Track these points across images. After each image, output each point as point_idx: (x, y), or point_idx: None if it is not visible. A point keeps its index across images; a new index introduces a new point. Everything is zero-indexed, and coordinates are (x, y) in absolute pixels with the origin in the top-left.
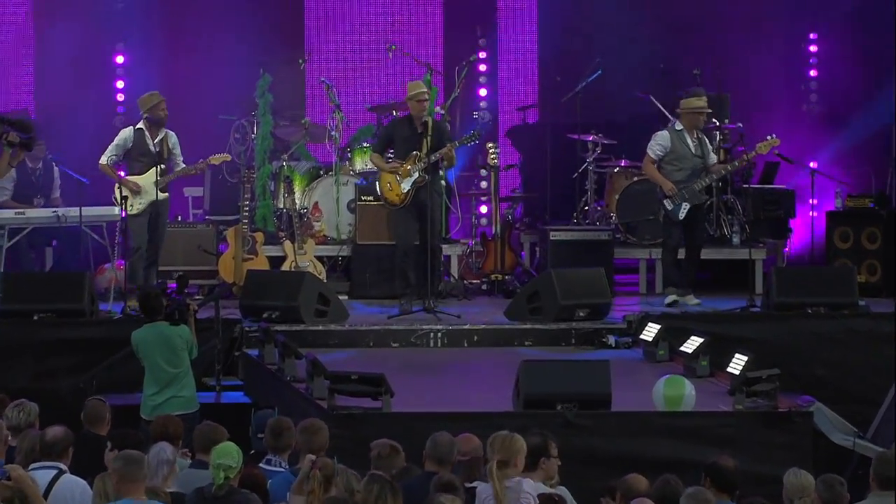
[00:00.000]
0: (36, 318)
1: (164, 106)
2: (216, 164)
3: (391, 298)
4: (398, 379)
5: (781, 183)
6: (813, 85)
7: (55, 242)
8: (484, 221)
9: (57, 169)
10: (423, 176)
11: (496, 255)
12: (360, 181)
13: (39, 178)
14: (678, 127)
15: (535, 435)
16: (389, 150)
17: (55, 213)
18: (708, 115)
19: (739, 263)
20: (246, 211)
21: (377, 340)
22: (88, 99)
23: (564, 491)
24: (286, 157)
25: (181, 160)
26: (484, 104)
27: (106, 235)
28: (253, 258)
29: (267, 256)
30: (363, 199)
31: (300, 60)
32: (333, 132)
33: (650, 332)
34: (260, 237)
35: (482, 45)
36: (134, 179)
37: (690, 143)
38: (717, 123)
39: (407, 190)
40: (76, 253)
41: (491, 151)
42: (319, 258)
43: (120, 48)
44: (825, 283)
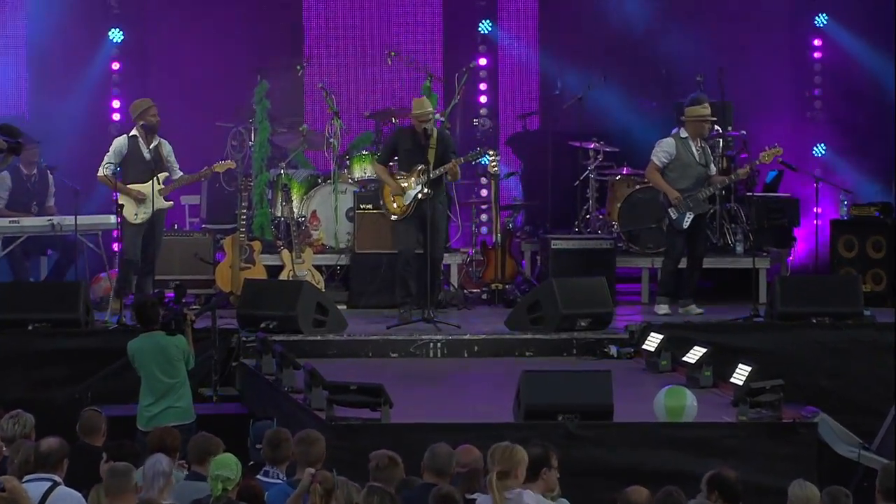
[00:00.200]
0: (31, 327)
1: (155, 112)
2: (220, 171)
3: (390, 308)
4: (397, 389)
5: (785, 191)
6: (817, 92)
7: (50, 251)
8: (484, 230)
9: (52, 177)
10: (426, 191)
11: (496, 264)
12: (358, 189)
13: (34, 185)
14: (683, 135)
15: (535, 446)
16: (393, 159)
17: (50, 221)
18: (712, 123)
19: (743, 272)
20: (243, 219)
21: (376, 350)
22: (83, 106)
23: (565, 503)
24: (284, 164)
25: (177, 168)
26: (484, 111)
27: (101, 244)
28: (250, 267)
29: (264, 265)
30: (362, 207)
31: (298, 67)
32: (332, 139)
33: (652, 342)
34: (257, 246)
35: (482, 51)
36: (137, 187)
37: (695, 151)
38: (720, 131)
39: (408, 203)
40: (71, 262)
41: (491, 159)
42: (318, 267)
43: (115, 55)
44: (830, 292)
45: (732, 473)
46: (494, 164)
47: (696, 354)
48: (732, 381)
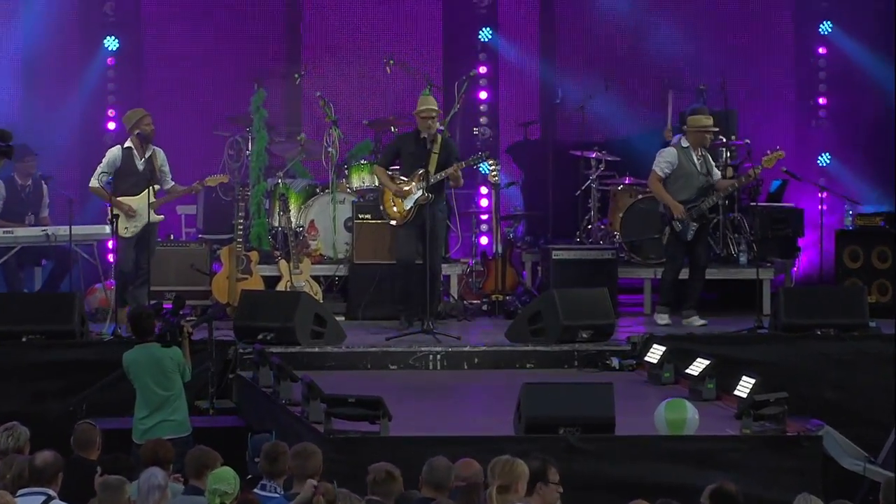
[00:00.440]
0: (25, 339)
1: (149, 121)
2: (212, 185)
3: (389, 319)
4: (396, 402)
5: (789, 201)
6: (822, 101)
7: (45, 262)
8: (484, 240)
9: (46, 186)
10: (427, 195)
11: (497, 274)
12: (357, 199)
13: (29, 195)
14: (684, 144)
15: (535, 459)
16: (395, 164)
17: (45, 231)
18: (714, 133)
19: (747, 283)
20: (240, 229)
21: (375, 362)
22: (78, 115)
23: None
24: (282, 174)
25: (170, 178)
26: (484, 120)
27: (97, 255)
28: (247, 278)
29: (262, 276)
30: (360, 217)
31: (296, 75)
32: (330, 148)
33: (655, 353)
34: (255, 256)
35: (482, 59)
36: (128, 201)
37: (696, 160)
38: (723, 140)
39: (410, 208)
40: (66, 273)
41: (492, 169)
42: (316, 278)
43: (111, 63)
44: (835, 303)
45: (733, 487)
46: (495, 173)
47: (699, 366)
48: (736, 393)
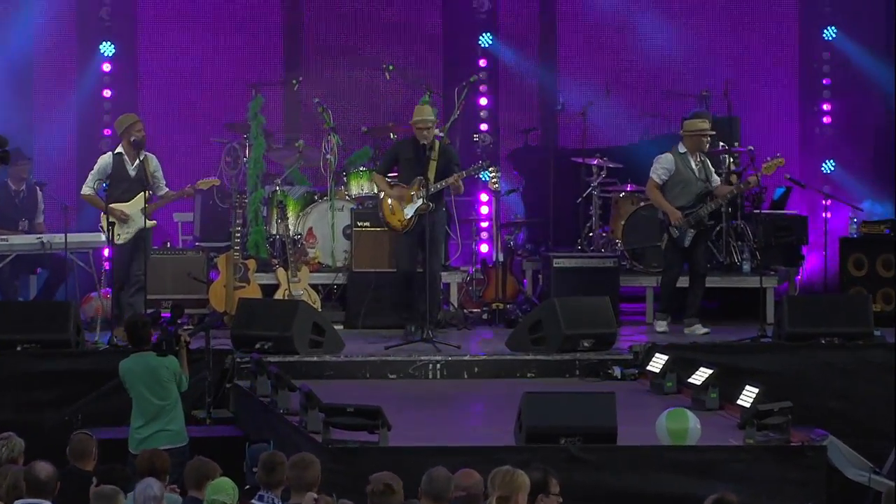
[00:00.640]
0: (20, 348)
1: (140, 127)
2: (204, 189)
3: (389, 328)
4: (396, 412)
5: (793, 208)
6: (826, 107)
7: (40, 270)
8: (484, 248)
9: (41, 193)
10: (427, 203)
11: (497, 283)
12: (355, 206)
13: (23, 201)
14: (681, 150)
15: (535, 470)
16: (394, 171)
17: (40, 239)
18: (711, 137)
19: (750, 292)
20: (237, 237)
21: (374, 372)
22: (73, 121)
23: None
24: (279, 181)
25: (163, 184)
26: (484, 126)
27: (92, 263)
28: (245, 286)
29: (259, 284)
30: (359, 224)
31: (294, 81)
32: (328, 155)
33: (657, 363)
34: (252, 264)
35: (483, 65)
36: (119, 207)
37: (694, 166)
38: (726, 146)
39: (410, 216)
40: (61, 281)
41: (492, 176)
42: (314, 286)
43: (107, 68)
44: (839, 312)
45: (735, 498)
46: (495, 180)
47: (701, 376)
48: (739, 403)
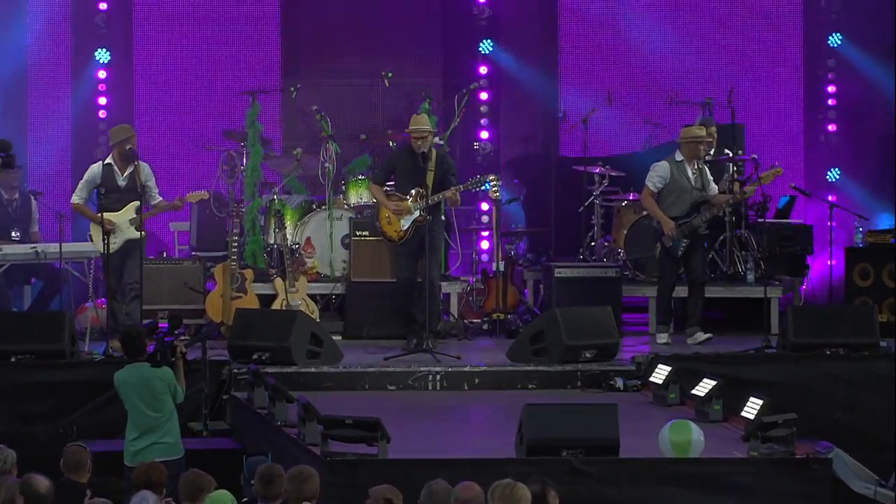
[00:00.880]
0: (13, 359)
1: (133, 140)
2: (193, 201)
3: (388, 339)
4: (395, 423)
5: (798, 217)
6: (831, 114)
7: (34, 280)
8: (485, 257)
9: (35, 202)
10: (423, 215)
11: (498, 292)
12: (354, 215)
13: (16, 210)
14: (678, 157)
15: (534, 482)
16: (391, 180)
17: (34, 248)
18: (709, 143)
19: (754, 302)
20: (234, 247)
21: (373, 383)
22: (68, 128)
23: None
24: (277, 189)
25: (156, 192)
26: (485, 134)
27: (87, 273)
28: (242, 296)
29: (257, 294)
30: (358, 234)
31: (292, 89)
32: (327, 164)
33: (660, 374)
34: (249, 274)
35: (483, 72)
36: (109, 217)
37: (690, 174)
38: (730, 154)
39: (406, 228)
40: (56, 291)
41: (493, 185)
42: (312, 296)
43: (102, 76)
44: (844, 322)
45: None
46: (496, 189)
47: (705, 387)
48: (743, 414)
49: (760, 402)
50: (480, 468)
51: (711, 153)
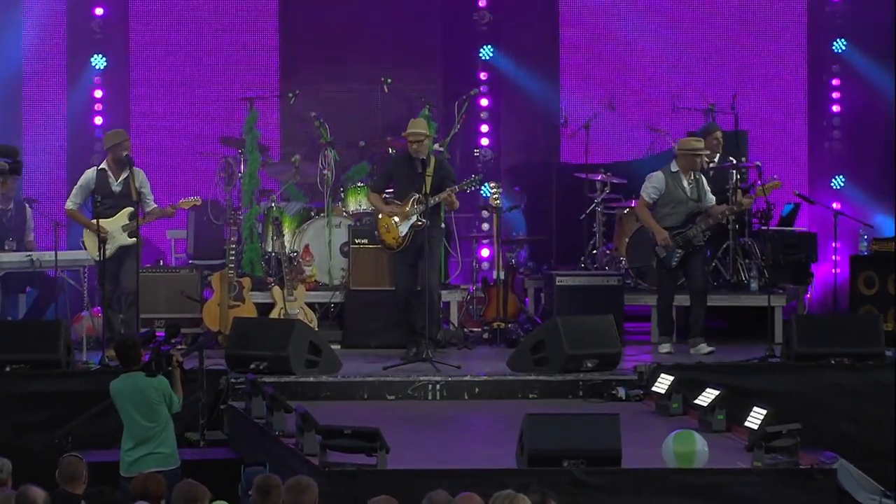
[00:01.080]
0: (8, 369)
1: (127, 145)
2: (186, 208)
3: (387, 348)
4: (394, 434)
5: (802, 225)
6: (836, 121)
7: (29, 289)
8: (485, 266)
9: (30, 209)
10: (421, 220)
11: (498, 301)
12: (353, 223)
13: (11, 219)
14: (674, 168)
15: (534, 492)
16: (389, 188)
17: (29, 257)
18: (714, 146)
19: (758, 311)
20: (232, 255)
21: (372, 393)
22: (64, 135)
23: None
24: (275, 197)
25: (151, 199)
26: (485, 140)
27: (83, 281)
28: (239, 305)
29: (254, 303)
30: (357, 241)
31: (290, 95)
32: (325, 171)
33: (663, 383)
34: (247, 283)
35: (483, 78)
36: (102, 223)
37: (686, 185)
38: (733, 161)
39: (405, 234)
40: (51, 300)
41: (493, 192)
42: (310, 305)
43: (98, 82)
44: (849, 331)
45: None
46: (496, 196)
47: (708, 397)
48: (747, 424)
49: (764, 411)
50: (481, 479)
51: (716, 160)
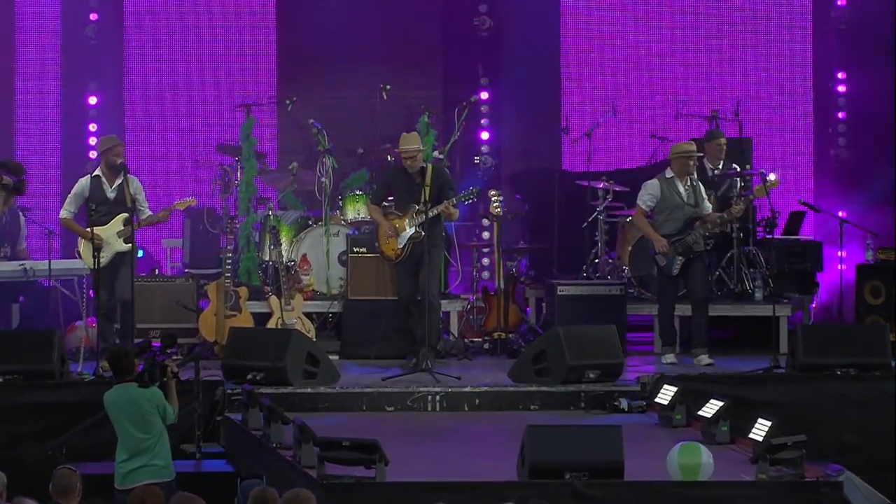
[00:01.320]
0: (1, 379)
1: (118, 151)
2: (182, 209)
3: (386, 358)
4: (393, 446)
5: (807, 234)
6: (841, 128)
7: (22, 298)
8: (486, 275)
9: (23, 218)
10: (419, 232)
11: (499, 311)
12: (351, 231)
13: (5, 227)
14: (668, 174)
15: None
16: (389, 198)
17: (22, 266)
18: (717, 151)
19: (762, 321)
20: (229, 264)
21: (370, 404)
22: (57, 141)
23: None
24: (272, 205)
25: (146, 206)
26: (486, 148)
27: (78, 290)
28: (236, 315)
29: (251, 313)
30: (355, 250)
31: (287, 102)
32: (323, 178)
33: (666, 394)
34: (244, 292)
35: (484, 84)
36: (96, 231)
37: (682, 190)
38: (737, 169)
39: (403, 246)
40: (45, 309)
41: (493, 200)
42: (308, 315)
43: (92, 88)
44: (855, 341)
45: None
46: (497, 204)
47: (712, 408)
48: (751, 436)
49: (769, 423)
50: (481, 491)
51: (720, 167)
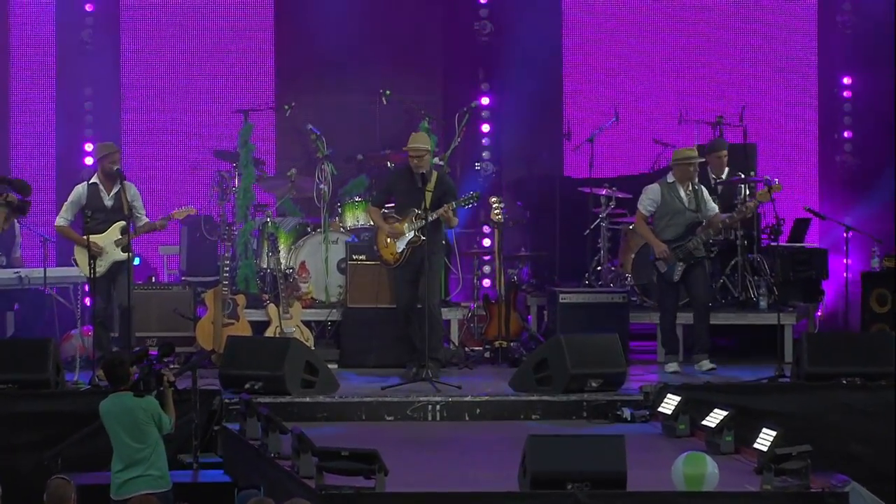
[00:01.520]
0: None
1: (115, 158)
2: (180, 218)
3: (385, 367)
4: (393, 455)
5: (813, 241)
6: (847, 134)
7: (17, 306)
8: (487, 283)
9: (18, 225)
10: (418, 236)
11: (500, 319)
12: (350, 239)
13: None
14: (669, 179)
15: None
16: (390, 202)
17: (17, 273)
18: (718, 162)
19: (767, 329)
20: (226, 271)
21: (370, 413)
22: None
23: None
24: (270, 212)
25: (143, 213)
26: (486, 154)
27: (73, 298)
28: (234, 323)
29: (249, 321)
30: (354, 258)
31: (286, 107)
32: (322, 185)
33: (669, 404)
34: (241, 300)
35: (485, 89)
36: (94, 239)
37: (683, 195)
38: (741, 176)
39: (401, 250)
40: (40, 318)
41: (494, 206)
42: (307, 323)
43: (88, 94)
44: (861, 350)
45: None
46: (498, 211)
47: (716, 418)
48: (756, 446)
49: (774, 433)
50: (482, 502)
51: (723, 176)
